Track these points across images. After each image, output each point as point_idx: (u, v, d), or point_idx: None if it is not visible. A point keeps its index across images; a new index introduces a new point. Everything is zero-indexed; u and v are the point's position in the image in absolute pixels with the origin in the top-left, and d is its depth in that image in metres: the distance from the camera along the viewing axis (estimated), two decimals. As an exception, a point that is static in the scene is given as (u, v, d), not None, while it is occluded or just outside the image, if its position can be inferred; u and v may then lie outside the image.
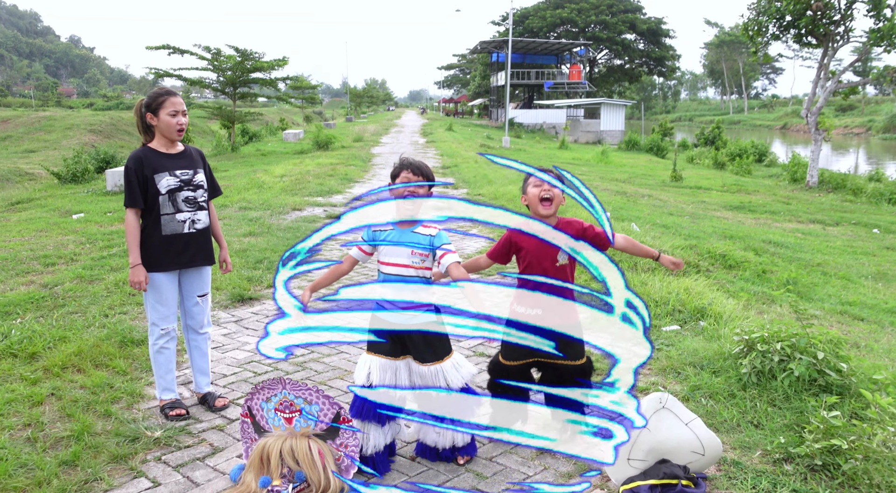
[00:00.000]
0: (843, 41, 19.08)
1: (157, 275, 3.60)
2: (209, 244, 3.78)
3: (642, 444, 2.99)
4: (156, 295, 3.63)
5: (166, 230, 3.59)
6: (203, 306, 3.83)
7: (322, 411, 2.99)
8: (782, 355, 3.82)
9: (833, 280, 7.95)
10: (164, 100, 3.56)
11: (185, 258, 3.67)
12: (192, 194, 3.67)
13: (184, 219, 3.64)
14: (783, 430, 3.42)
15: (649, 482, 2.90)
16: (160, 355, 3.70)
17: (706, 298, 5.50)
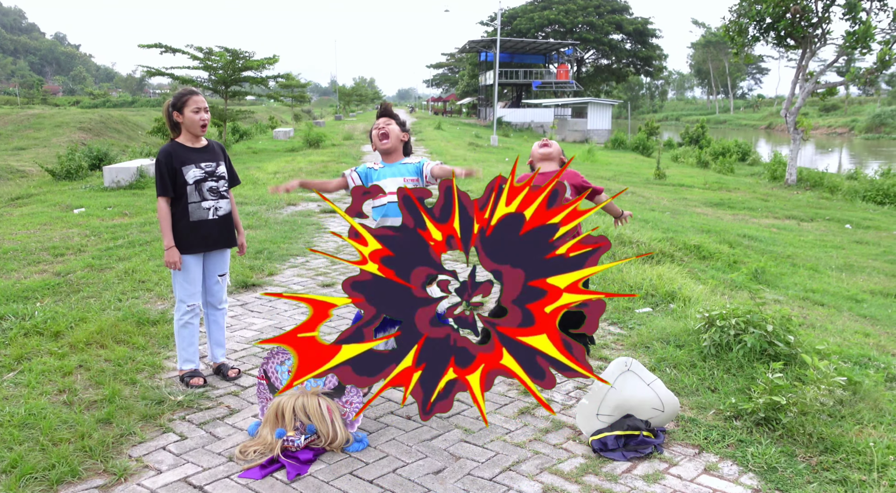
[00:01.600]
0: (820, 43, 19.67)
1: (185, 257, 4.02)
2: (231, 229, 4.20)
3: (609, 401, 3.43)
4: (185, 275, 4.03)
5: (193, 217, 4.00)
6: (222, 284, 4.26)
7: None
8: (738, 330, 4.27)
9: (801, 271, 8.44)
10: (188, 99, 3.97)
11: (211, 241, 4.08)
12: (216, 184, 4.08)
13: (208, 207, 4.05)
14: (735, 393, 3.87)
15: (615, 432, 3.34)
16: (185, 329, 4.09)
17: (676, 283, 5.96)
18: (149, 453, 3.29)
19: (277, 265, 7.09)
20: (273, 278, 6.62)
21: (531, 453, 3.34)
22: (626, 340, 4.86)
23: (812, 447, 3.31)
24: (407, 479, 3.09)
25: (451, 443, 3.43)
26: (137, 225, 9.06)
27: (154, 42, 23.51)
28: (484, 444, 3.43)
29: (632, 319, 5.32)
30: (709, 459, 3.29)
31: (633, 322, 5.23)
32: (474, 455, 3.31)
